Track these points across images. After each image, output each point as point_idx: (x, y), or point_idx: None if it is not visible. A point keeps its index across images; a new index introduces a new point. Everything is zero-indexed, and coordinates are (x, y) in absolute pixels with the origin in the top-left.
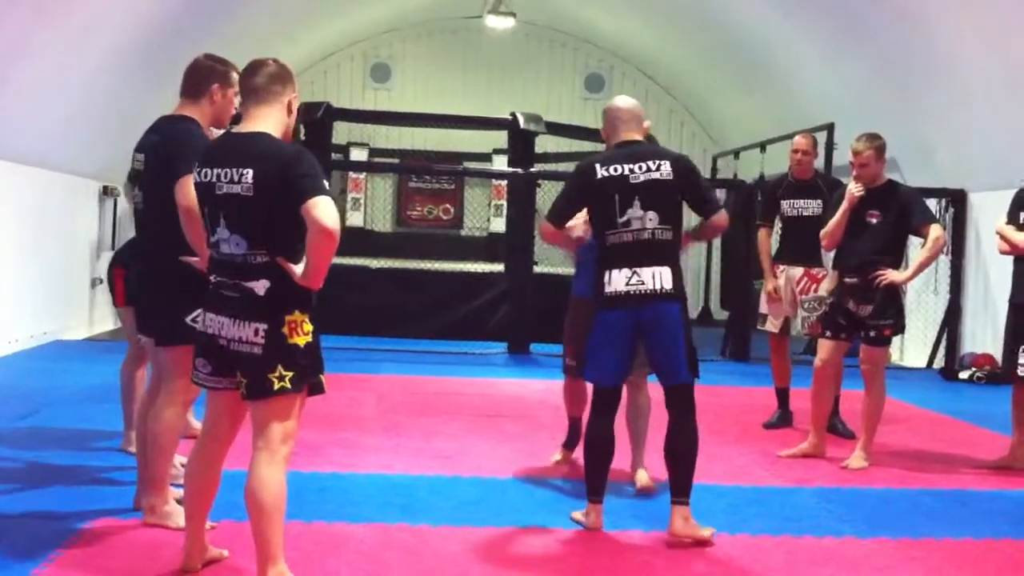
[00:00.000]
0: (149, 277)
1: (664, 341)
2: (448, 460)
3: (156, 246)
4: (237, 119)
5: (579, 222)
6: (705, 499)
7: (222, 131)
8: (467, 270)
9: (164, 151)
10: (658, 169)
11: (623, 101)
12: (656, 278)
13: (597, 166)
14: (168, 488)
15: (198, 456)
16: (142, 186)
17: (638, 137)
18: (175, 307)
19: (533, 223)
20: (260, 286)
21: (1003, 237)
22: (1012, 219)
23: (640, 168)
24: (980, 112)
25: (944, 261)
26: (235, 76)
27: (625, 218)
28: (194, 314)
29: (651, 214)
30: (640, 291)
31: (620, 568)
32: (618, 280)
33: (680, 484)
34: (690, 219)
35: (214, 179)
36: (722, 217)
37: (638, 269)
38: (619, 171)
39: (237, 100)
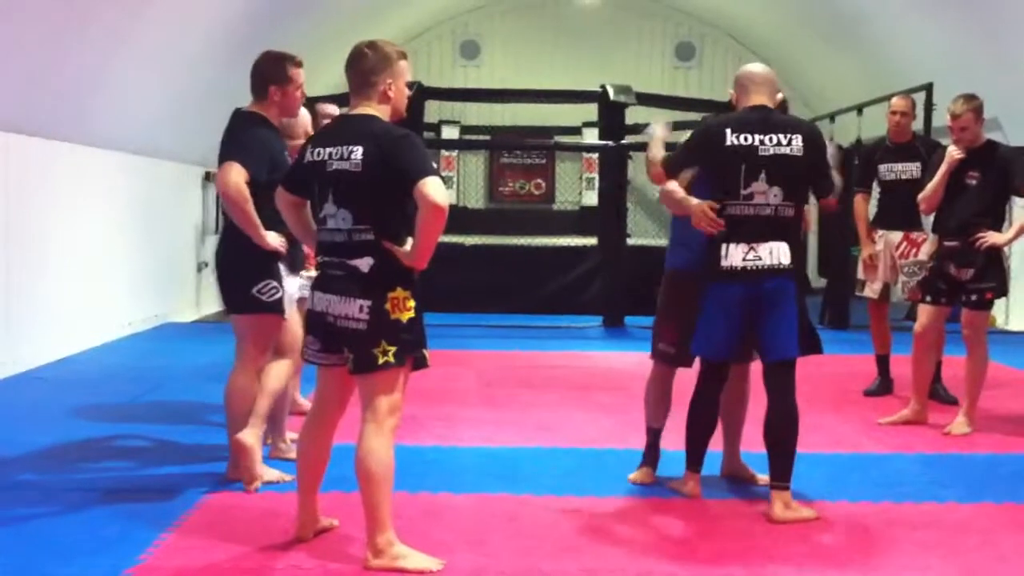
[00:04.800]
0: (222, 254)
1: (775, 315)
2: (547, 432)
3: (231, 228)
4: (310, 103)
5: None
6: (804, 467)
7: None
8: (560, 244)
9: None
10: (789, 144)
11: (757, 67)
12: (773, 253)
13: (728, 131)
14: (262, 427)
15: (309, 431)
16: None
17: (769, 104)
18: (244, 279)
19: (626, 193)
20: (364, 263)
21: None
22: None
23: (771, 140)
24: None
25: None
26: (293, 71)
27: (749, 191)
28: (260, 284)
29: (776, 189)
30: (757, 266)
31: (720, 534)
32: (735, 255)
33: (780, 468)
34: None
35: (326, 157)
36: (833, 201)
37: (756, 244)
38: (748, 140)
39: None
